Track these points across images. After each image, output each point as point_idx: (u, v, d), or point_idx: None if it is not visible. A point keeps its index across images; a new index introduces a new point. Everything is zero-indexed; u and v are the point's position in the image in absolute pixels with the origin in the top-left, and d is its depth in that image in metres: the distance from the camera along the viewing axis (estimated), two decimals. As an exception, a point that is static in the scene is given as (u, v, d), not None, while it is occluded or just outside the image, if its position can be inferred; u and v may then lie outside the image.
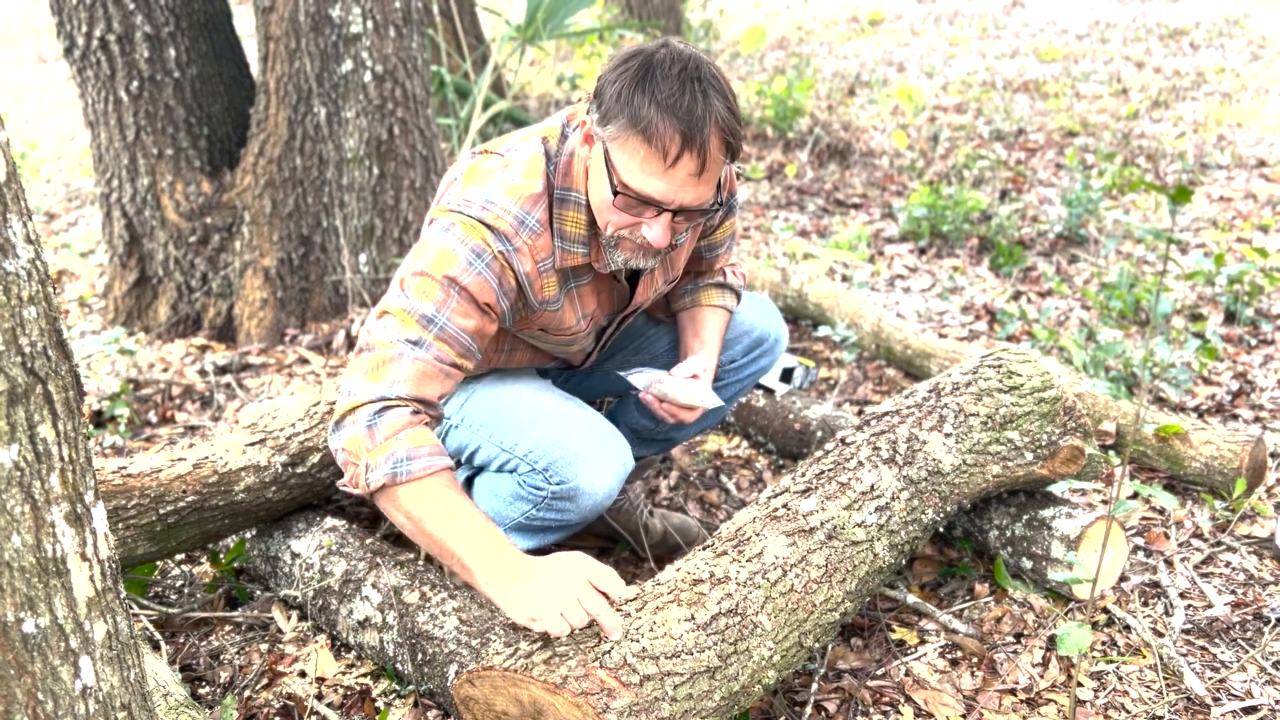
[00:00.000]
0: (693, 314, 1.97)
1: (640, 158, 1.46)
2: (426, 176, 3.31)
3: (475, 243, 1.55)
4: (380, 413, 1.49)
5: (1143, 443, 2.41)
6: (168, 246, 3.24)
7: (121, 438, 2.68)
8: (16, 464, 0.86)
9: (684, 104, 1.43)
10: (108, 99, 3.10)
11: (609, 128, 1.48)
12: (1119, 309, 3.27)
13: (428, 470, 1.47)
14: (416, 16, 3.21)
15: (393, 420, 1.48)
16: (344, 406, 1.52)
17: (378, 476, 1.46)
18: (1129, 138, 5.38)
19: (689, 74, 1.45)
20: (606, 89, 1.48)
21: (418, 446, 1.47)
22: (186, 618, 1.98)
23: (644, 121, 1.43)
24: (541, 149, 1.63)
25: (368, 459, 1.47)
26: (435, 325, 1.54)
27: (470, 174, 1.65)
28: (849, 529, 1.69)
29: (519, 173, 1.61)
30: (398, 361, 1.51)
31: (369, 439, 1.48)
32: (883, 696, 1.76)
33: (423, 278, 1.54)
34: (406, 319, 1.53)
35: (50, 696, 0.90)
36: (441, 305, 1.54)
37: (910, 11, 9.76)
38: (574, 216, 1.62)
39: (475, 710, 1.47)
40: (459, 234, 1.55)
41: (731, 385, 2.09)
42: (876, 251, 4.05)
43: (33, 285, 0.87)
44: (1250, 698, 1.73)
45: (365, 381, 1.51)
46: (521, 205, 1.59)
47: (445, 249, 1.55)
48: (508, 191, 1.59)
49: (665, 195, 1.49)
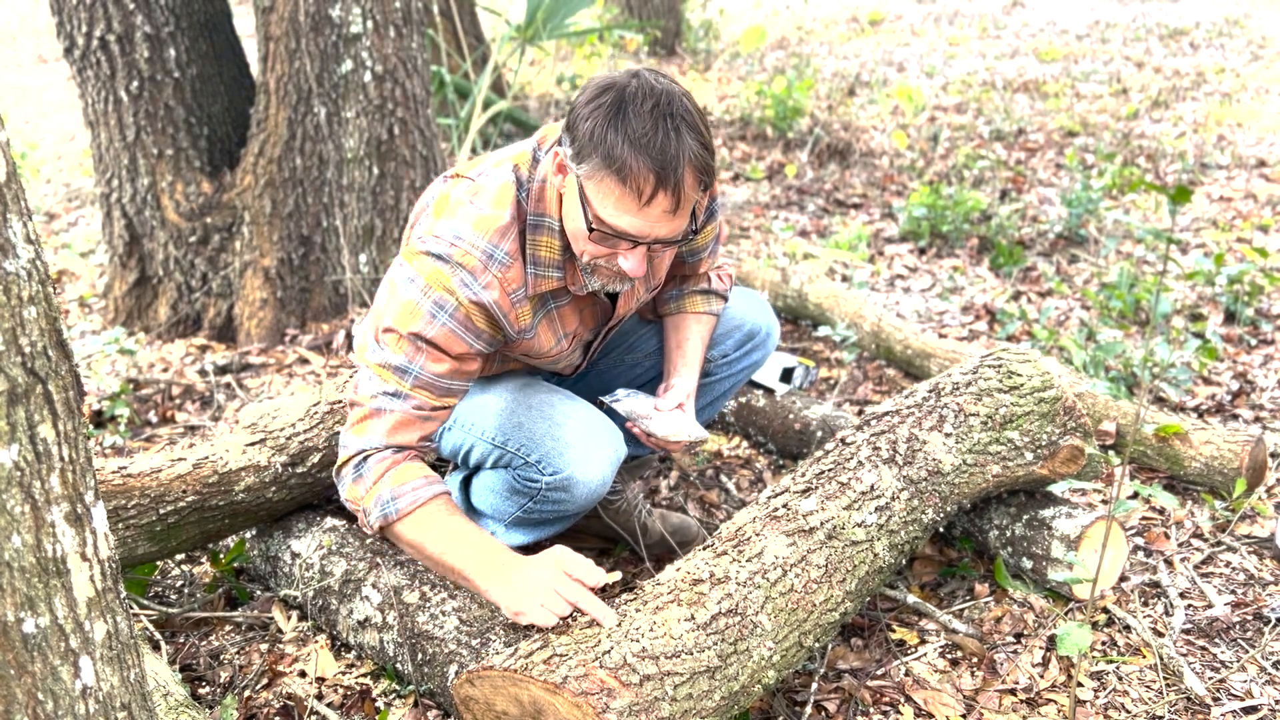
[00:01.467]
0: (677, 322, 1.97)
1: (615, 197, 1.46)
2: (426, 176, 3.31)
3: (438, 295, 1.56)
4: (362, 463, 1.59)
5: (1143, 443, 2.41)
6: (168, 246, 3.24)
7: (121, 438, 2.68)
8: (16, 464, 0.86)
9: (657, 142, 1.42)
10: (108, 99, 3.10)
11: (583, 165, 1.47)
12: (1119, 309, 3.27)
13: (414, 504, 1.57)
14: (416, 16, 3.21)
15: (374, 467, 1.59)
16: (339, 460, 1.63)
17: (374, 520, 1.59)
18: (1129, 138, 5.38)
19: (661, 110, 1.44)
20: (579, 125, 1.47)
21: (400, 484, 1.57)
22: (186, 618, 1.98)
23: (618, 162, 1.43)
24: (513, 176, 1.61)
25: (363, 505, 1.59)
26: (410, 375, 1.59)
27: (440, 205, 1.65)
28: (849, 529, 1.69)
29: (487, 202, 1.60)
30: (377, 417, 1.59)
31: (359, 488, 1.60)
32: (883, 696, 1.76)
33: (390, 334, 1.59)
34: (383, 372, 1.60)
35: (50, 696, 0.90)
36: (413, 357, 1.58)
37: (910, 11, 9.76)
38: (547, 241, 1.62)
39: (475, 710, 1.47)
40: (420, 286, 1.56)
41: (725, 380, 2.09)
42: (876, 251, 4.05)
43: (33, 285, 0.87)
44: (1250, 698, 1.73)
45: (352, 435, 1.61)
46: (489, 239, 1.58)
47: (409, 302, 1.57)
48: (475, 225, 1.58)
49: (640, 231, 1.49)
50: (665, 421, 1.82)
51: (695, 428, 1.83)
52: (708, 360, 2.05)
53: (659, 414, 1.83)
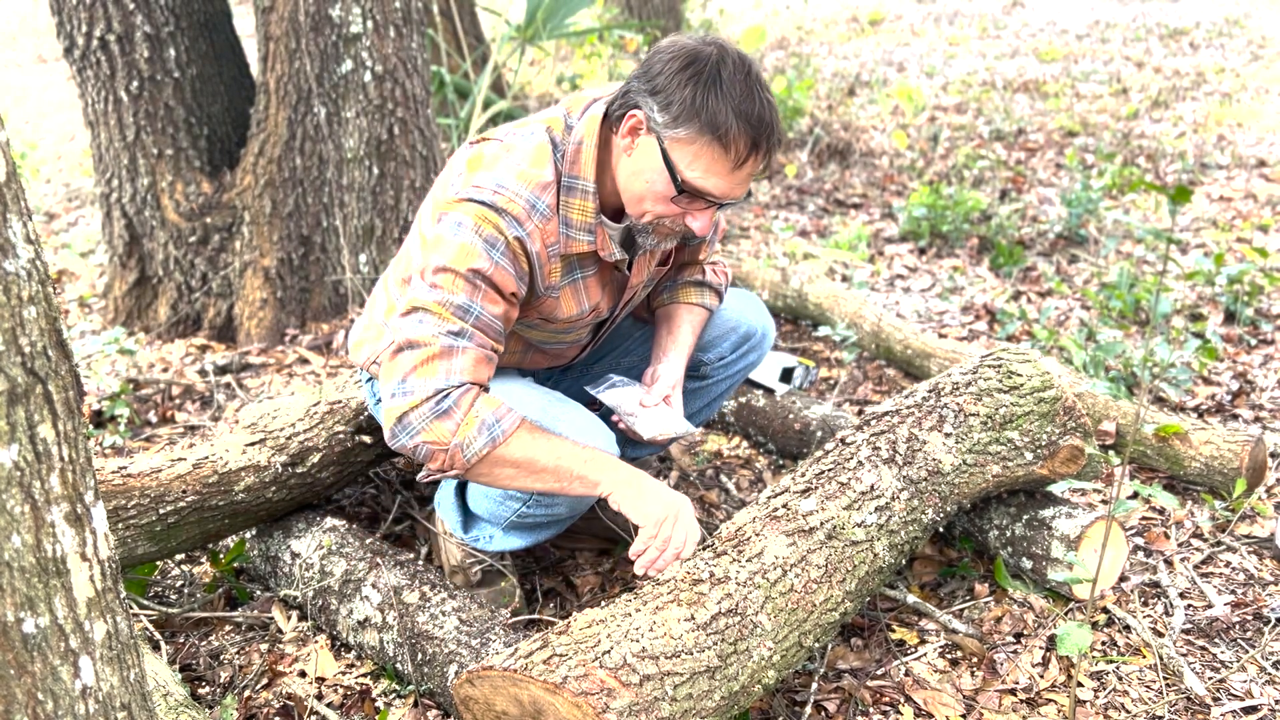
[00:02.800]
0: (669, 311, 1.98)
1: (708, 159, 1.53)
2: (426, 176, 3.31)
3: (489, 233, 1.57)
4: (446, 397, 1.55)
5: (1143, 443, 2.41)
6: (168, 246, 3.24)
7: (121, 438, 2.68)
8: (16, 464, 0.86)
9: (755, 110, 1.51)
10: (108, 99, 3.10)
11: (679, 129, 1.52)
12: (1119, 309, 3.27)
13: (515, 424, 1.58)
14: (416, 16, 3.21)
15: (462, 400, 1.56)
16: (403, 405, 1.56)
17: (479, 446, 1.56)
18: (1129, 138, 5.38)
19: (754, 79, 1.53)
20: (673, 90, 1.52)
21: (497, 408, 1.57)
22: (186, 618, 1.98)
23: (720, 127, 1.50)
24: (547, 138, 1.65)
25: (458, 439, 1.55)
26: (472, 315, 1.57)
27: (474, 162, 1.66)
28: (849, 529, 1.69)
29: (527, 158, 1.63)
30: (449, 356, 1.56)
31: (449, 421, 1.55)
32: (883, 696, 1.76)
33: (448, 273, 1.57)
34: (443, 311, 1.57)
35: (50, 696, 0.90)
36: (473, 295, 1.57)
37: (910, 11, 9.76)
38: (580, 204, 1.64)
39: (475, 710, 1.47)
40: (470, 227, 1.57)
41: (721, 382, 2.09)
42: (876, 251, 4.05)
43: (33, 285, 0.87)
44: (1250, 698, 1.73)
45: (418, 379, 1.55)
46: (531, 190, 1.61)
47: (463, 244, 1.57)
48: (518, 176, 1.61)
49: (723, 192, 1.57)
50: (650, 419, 1.81)
51: (681, 423, 1.82)
52: (704, 364, 2.04)
53: (644, 410, 1.82)
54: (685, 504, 1.64)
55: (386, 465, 2.45)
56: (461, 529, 1.95)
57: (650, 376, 1.89)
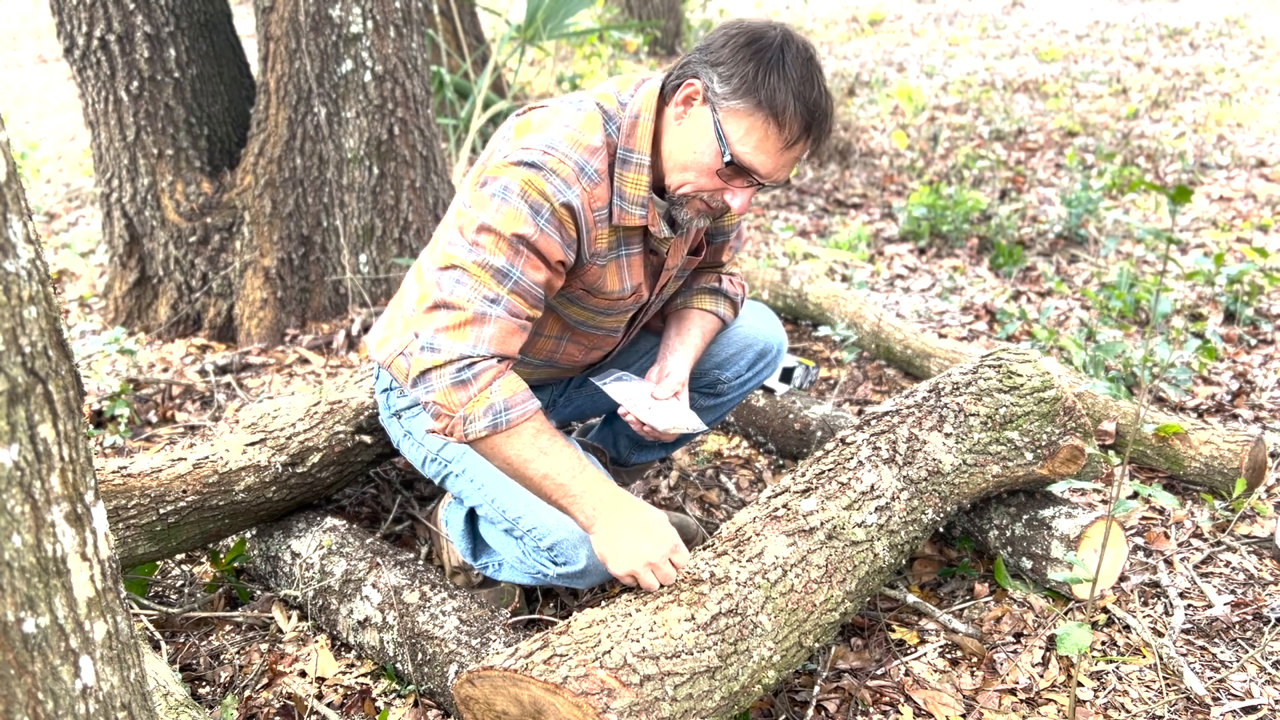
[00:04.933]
0: (680, 314, 1.96)
1: (760, 135, 1.54)
2: (426, 176, 3.31)
3: (534, 199, 1.55)
4: (469, 366, 1.53)
5: (1143, 443, 2.41)
6: (168, 246, 3.24)
7: (121, 438, 2.68)
8: (16, 464, 0.86)
9: (812, 96, 1.53)
10: (108, 99, 3.10)
11: (736, 101, 1.53)
12: (1119, 309, 3.27)
13: (524, 416, 1.55)
14: (416, 16, 3.21)
15: (484, 373, 1.54)
16: (428, 362, 1.55)
17: (479, 427, 1.54)
18: (1129, 138, 5.38)
19: (814, 66, 1.55)
20: (736, 64, 1.53)
21: (513, 395, 1.55)
22: (186, 618, 1.98)
23: (778, 106, 1.52)
24: (597, 109, 1.64)
25: (464, 411, 1.53)
26: (510, 280, 1.55)
27: (522, 127, 1.66)
28: (849, 529, 1.69)
29: (576, 123, 1.62)
30: (481, 323, 1.54)
31: (463, 392, 1.53)
32: (883, 696, 1.76)
33: (490, 234, 1.55)
34: (481, 274, 1.55)
35: (50, 696, 0.90)
36: (513, 260, 1.55)
37: (910, 11, 9.76)
38: (634, 178, 1.63)
39: (475, 710, 1.47)
40: (516, 191, 1.55)
41: (735, 398, 2.09)
42: (876, 251, 4.05)
43: (33, 285, 0.87)
44: (1250, 698, 1.73)
45: (449, 339, 1.54)
46: (580, 154, 1.59)
47: (509, 208, 1.55)
48: (566, 139, 1.60)
49: (768, 170, 1.58)
50: (662, 412, 1.79)
51: (692, 418, 1.81)
52: (721, 381, 2.03)
53: (657, 403, 1.80)
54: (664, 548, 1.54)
55: (386, 465, 2.45)
56: (470, 556, 1.94)
57: (658, 373, 1.87)
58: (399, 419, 1.94)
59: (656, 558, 1.52)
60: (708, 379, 2.02)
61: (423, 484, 2.43)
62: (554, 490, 1.56)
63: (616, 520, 1.55)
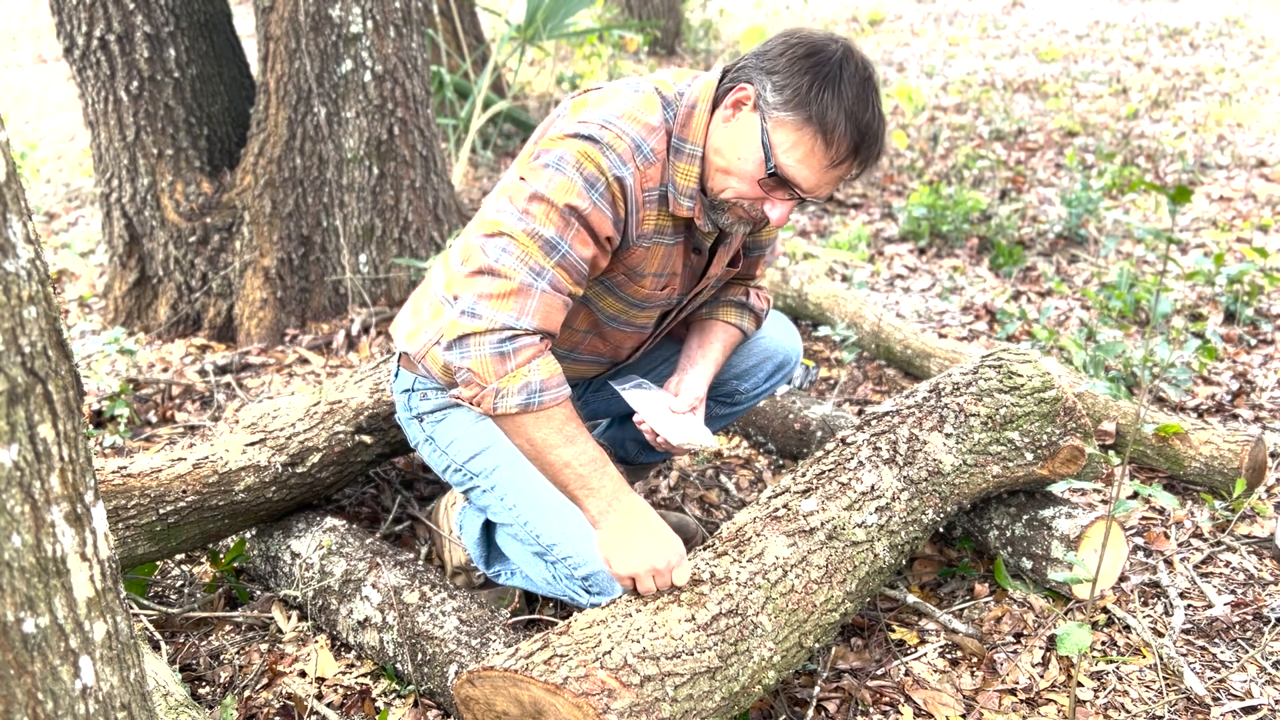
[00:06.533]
0: (704, 326, 1.93)
1: (806, 149, 1.52)
2: (426, 176, 3.31)
3: (590, 172, 1.54)
4: (511, 339, 1.51)
5: (1143, 443, 2.41)
6: (168, 246, 3.24)
7: (121, 438, 2.68)
8: (16, 464, 0.86)
9: (865, 116, 1.50)
10: (108, 99, 3.10)
11: (787, 113, 1.51)
12: (1119, 309, 3.27)
13: (556, 401, 1.53)
14: (416, 16, 3.21)
15: (525, 348, 1.51)
16: (468, 327, 1.52)
17: (511, 403, 1.51)
18: (1129, 138, 5.37)
19: (871, 87, 1.52)
20: (792, 74, 1.51)
21: (550, 377, 1.53)
22: (186, 618, 1.98)
23: (828, 123, 1.49)
24: (656, 93, 1.63)
25: (499, 384, 1.51)
26: (558, 253, 1.53)
27: (579, 104, 1.65)
28: (849, 529, 1.69)
29: (636, 103, 1.60)
30: (526, 295, 1.52)
31: (500, 365, 1.51)
32: (883, 696, 1.76)
33: (543, 203, 1.53)
34: (529, 244, 1.53)
35: (50, 696, 0.90)
36: (563, 232, 1.53)
37: (910, 11, 9.76)
38: (685, 169, 1.61)
39: (475, 710, 1.47)
40: (574, 162, 1.54)
41: (748, 406, 2.09)
42: (876, 251, 4.05)
43: (33, 285, 0.87)
44: (1250, 698, 1.73)
45: (491, 308, 1.52)
46: (638, 132, 1.58)
47: (564, 179, 1.53)
48: (625, 116, 1.58)
49: (811, 186, 1.55)
50: (679, 426, 1.76)
51: (707, 435, 1.78)
52: (739, 392, 2.02)
53: (674, 417, 1.78)
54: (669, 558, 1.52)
55: (386, 465, 2.45)
56: (484, 563, 1.93)
57: (676, 386, 1.84)
58: (421, 422, 1.89)
59: (660, 565, 1.51)
60: (726, 389, 2.01)
61: (423, 484, 2.43)
62: (572, 480, 1.54)
63: (628, 521, 1.54)
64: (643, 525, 1.53)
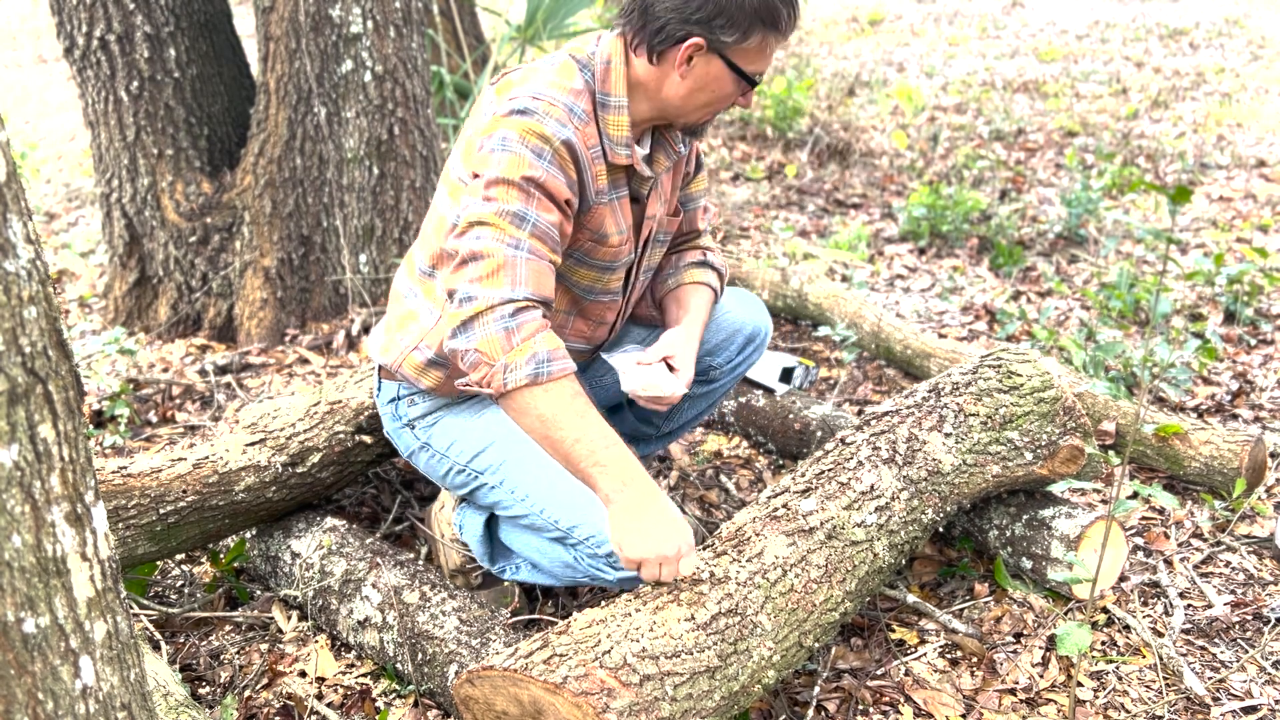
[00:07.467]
0: (677, 295, 1.98)
1: (770, 46, 1.65)
2: (426, 176, 3.31)
3: (534, 144, 1.59)
4: (515, 314, 1.53)
5: (1143, 443, 2.41)
6: (168, 246, 3.24)
7: (121, 438, 2.68)
8: (16, 464, 0.86)
9: None
10: (108, 99, 3.10)
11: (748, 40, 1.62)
12: (1119, 309, 3.27)
13: (564, 372, 1.54)
14: (416, 16, 3.21)
15: (529, 322, 1.53)
16: (469, 310, 1.54)
17: (520, 376, 1.51)
18: (1129, 138, 5.37)
19: None
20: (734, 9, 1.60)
21: (555, 349, 1.54)
22: (186, 618, 1.98)
23: (778, 18, 1.62)
24: (571, 59, 1.70)
25: (506, 359, 1.52)
26: (528, 223, 1.57)
27: (504, 87, 1.72)
28: (849, 529, 1.69)
29: (554, 71, 1.68)
30: (512, 265, 1.55)
31: (506, 340, 1.52)
32: (883, 696, 1.76)
33: (500, 184, 1.57)
34: (501, 221, 1.56)
35: (50, 696, 0.90)
36: (528, 203, 1.57)
37: (910, 11, 9.76)
38: (615, 120, 1.69)
39: (475, 710, 1.47)
40: (516, 138, 1.59)
41: (726, 384, 2.10)
42: (876, 251, 4.05)
43: (33, 285, 0.87)
44: (1250, 698, 1.73)
45: (484, 287, 1.53)
46: (567, 96, 1.65)
47: (512, 155, 1.58)
48: (550, 85, 1.65)
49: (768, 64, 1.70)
50: (636, 375, 1.77)
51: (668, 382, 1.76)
52: (714, 368, 2.04)
53: (639, 368, 1.78)
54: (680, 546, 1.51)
55: (386, 465, 2.45)
56: (489, 560, 1.93)
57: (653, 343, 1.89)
58: (413, 429, 1.89)
59: (669, 552, 1.50)
60: (700, 366, 2.03)
61: (423, 484, 2.43)
62: (582, 457, 1.52)
63: (641, 503, 1.51)
64: (655, 509, 1.52)
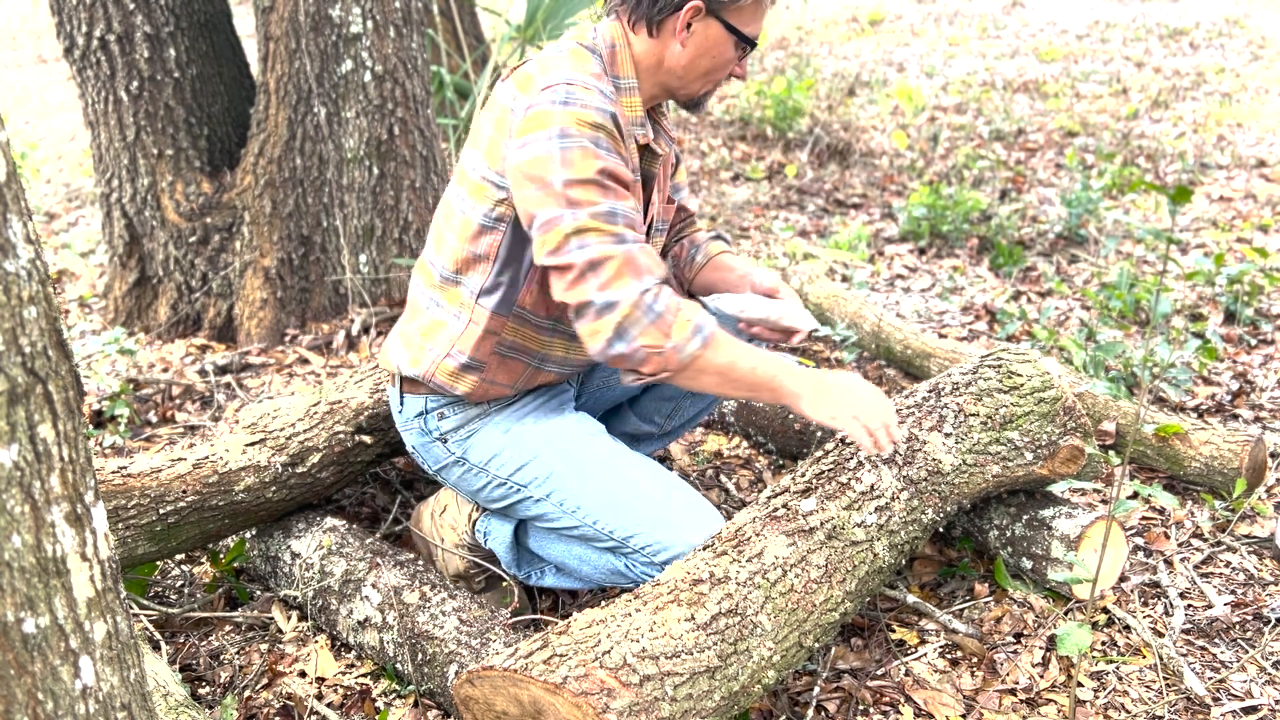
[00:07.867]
0: (716, 261, 2.01)
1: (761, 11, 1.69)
2: (426, 176, 3.31)
3: (589, 132, 1.56)
4: (655, 300, 1.56)
5: (1143, 443, 2.41)
6: (168, 246, 3.24)
7: (121, 438, 2.68)
8: (16, 464, 0.86)
9: None
10: (108, 99, 3.10)
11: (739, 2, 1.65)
12: (1119, 309, 3.27)
13: (714, 325, 1.61)
14: (416, 16, 3.21)
15: (669, 299, 1.57)
16: (617, 316, 1.54)
17: (694, 347, 1.57)
18: (1129, 138, 5.37)
19: None
20: None
21: (695, 307, 1.60)
22: (186, 618, 1.98)
23: None
24: (579, 46, 1.70)
25: (674, 340, 1.56)
26: (619, 216, 1.57)
27: (526, 81, 1.65)
28: (849, 529, 1.69)
29: (575, 61, 1.66)
30: (630, 260, 1.55)
31: (662, 323, 1.56)
32: (883, 696, 1.76)
33: (578, 186, 1.54)
34: (598, 224, 1.55)
35: (50, 696, 0.90)
36: (608, 196, 1.57)
37: (910, 11, 9.76)
38: (629, 101, 1.71)
39: (475, 710, 1.47)
40: (573, 130, 1.56)
41: None
42: (876, 251, 4.05)
43: (33, 285, 0.87)
44: (1250, 698, 1.73)
45: (619, 290, 1.54)
46: (594, 80, 1.63)
47: (576, 148, 1.55)
48: (575, 69, 1.64)
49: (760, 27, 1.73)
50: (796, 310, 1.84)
51: (807, 316, 1.85)
52: None
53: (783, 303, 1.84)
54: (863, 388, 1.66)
55: (386, 465, 2.45)
56: (515, 567, 1.94)
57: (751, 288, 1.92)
58: (445, 443, 1.84)
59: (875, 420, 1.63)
60: None
61: (423, 484, 2.43)
62: (767, 379, 1.61)
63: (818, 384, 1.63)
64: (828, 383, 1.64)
